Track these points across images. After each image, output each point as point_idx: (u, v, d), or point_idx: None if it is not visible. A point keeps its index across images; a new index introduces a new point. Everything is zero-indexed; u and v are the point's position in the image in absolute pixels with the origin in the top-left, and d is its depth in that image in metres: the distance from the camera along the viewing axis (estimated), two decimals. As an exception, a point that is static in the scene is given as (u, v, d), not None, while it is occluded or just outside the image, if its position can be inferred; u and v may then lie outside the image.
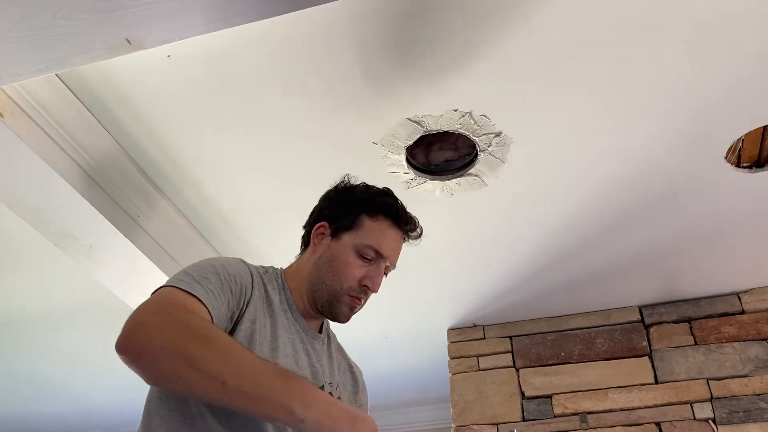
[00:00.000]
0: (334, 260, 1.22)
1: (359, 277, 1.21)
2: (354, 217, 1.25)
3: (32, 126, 1.50)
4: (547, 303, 2.61)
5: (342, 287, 1.20)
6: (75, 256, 1.85)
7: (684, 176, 1.87)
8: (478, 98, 1.57)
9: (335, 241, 1.24)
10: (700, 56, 1.46)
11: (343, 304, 1.21)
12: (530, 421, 2.52)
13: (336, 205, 1.29)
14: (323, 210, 1.31)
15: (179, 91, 1.53)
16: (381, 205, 1.27)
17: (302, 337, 1.21)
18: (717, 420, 2.33)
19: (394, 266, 1.29)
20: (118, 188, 1.77)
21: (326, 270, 1.22)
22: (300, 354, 1.18)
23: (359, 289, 1.22)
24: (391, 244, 1.25)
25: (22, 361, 3.04)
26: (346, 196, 1.30)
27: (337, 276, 1.21)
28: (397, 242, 1.28)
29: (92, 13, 1.11)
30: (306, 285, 1.23)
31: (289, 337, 1.17)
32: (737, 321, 2.49)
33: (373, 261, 1.23)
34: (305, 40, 1.40)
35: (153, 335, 0.90)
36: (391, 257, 1.26)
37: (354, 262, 1.22)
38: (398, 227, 1.27)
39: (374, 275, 1.23)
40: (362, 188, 1.31)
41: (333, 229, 1.25)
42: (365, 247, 1.22)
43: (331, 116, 1.62)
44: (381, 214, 1.25)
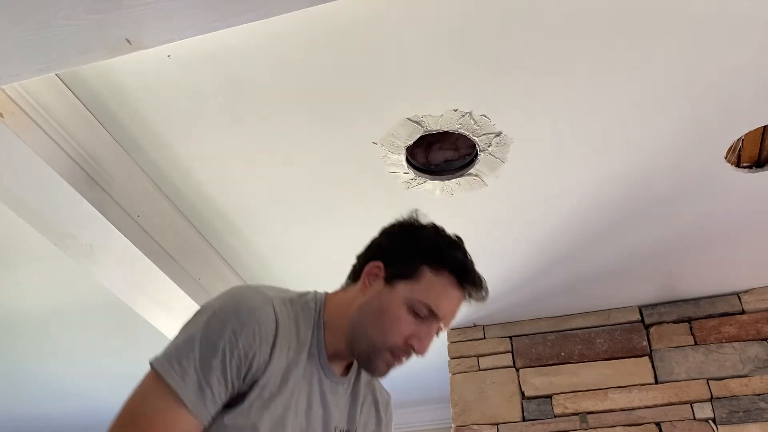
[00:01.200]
0: (383, 311, 1.08)
1: (407, 335, 1.08)
2: (415, 265, 1.10)
3: (32, 126, 1.50)
4: (547, 303, 2.61)
5: (385, 343, 1.07)
6: (75, 256, 1.85)
7: (684, 176, 1.87)
8: (478, 98, 1.57)
9: (388, 288, 1.10)
10: (700, 56, 1.46)
11: (381, 360, 1.09)
12: (530, 421, 2.52)
13: (397, 245, 1.14)
14: (382, 247, 1.16)
15: (179, 90, 1.53)
16: (448, 259, 1.12)
17: (322, 385, 1.11)
18: (717, 420, 2.33)
19: (447, 328, 1.17)
20: (118, 188, 1.77)
21: (372, 319, 1.08)
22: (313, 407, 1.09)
23: (404, 348, 1.08)
24: (449, 305, 1.12)
25: (21, 361, 3.04)
26: (411, 239, 1.14)
27: (383, 330, 1.07)
28: (457, 303, 1.14)
29: (92, 13, 1.11)
30: (347, 328, 1.10)
31: (307, 388, 1.08)
32: (737, 321, 2.49)
33: (425, 320, 1.08)
34: (305, 40, 1.40)
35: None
36: (446, 318, 1.11)
37: (404, 317, 1.07)
38: (461, 287, 1.12)
39: (424, 336, 1.09)
40: (430, 233, 1.16)
41: (388, 273, 1.11)
42: (420, 303, 1.08)
43: (331, 116, 1.62)
44: (446, 269, 1.11)
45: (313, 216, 2.00)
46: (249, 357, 0.97)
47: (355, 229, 2.01)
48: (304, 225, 2.05)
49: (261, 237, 2.12)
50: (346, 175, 1.83)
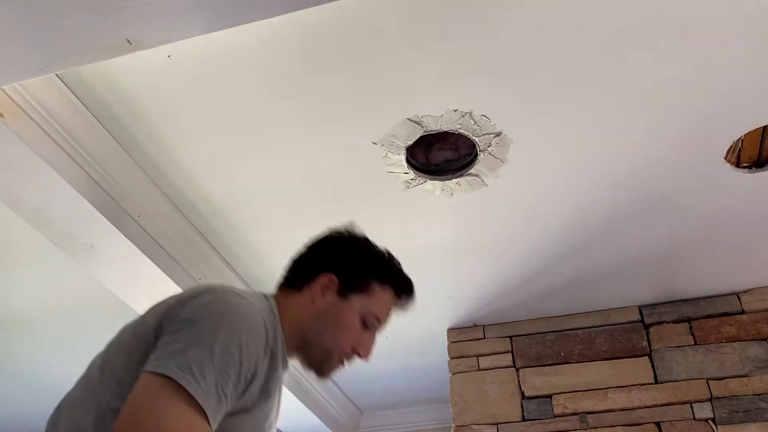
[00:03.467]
0: (339, 322, 1.17)
1: (354, 342, 1.19)
2: (367, 280, 1.20)
3: (32, 126, 1.50)
4: (547, 303, 2.61)
5: (338, 350, 1.17)
6: (75, 256, 1.85)
7: (684, 176, 1.87)
8: (478, 98, 1.57)
9: (343, 301, 1.18)
10: (699, 56, 1.47)
11: (332, 365, 1.18)
12: (530, 421, 2.52)
13: (349, 260, 1.22)
14: (333, 260, 1.22)
15: (179, 91, 1.53)
16: (394, 275, 1.25)
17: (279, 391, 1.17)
18: (717, 420, 2.33)
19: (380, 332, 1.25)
20: (118, 188, 1.77)
21: (328, 329, 1.17)
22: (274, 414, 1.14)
23: (351, 354, 1.19)
24: (389, 314, 1.25)
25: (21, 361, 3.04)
26: (361, 255, 1.24)
27: (337, 339, 1.17)
28: (392, 312, 1.26)
29: (92, 13, 1.11)
30: (299, 333, 1.17)
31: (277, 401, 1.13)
32: (737, 321, 2.48)
33: (371, 329, 1.20)
34: (305, 41, 1.40)
35: None
36: (384, 326, 1.25)
37: (357, 328, 1.18)
38: (399, 299, 1.26)
39: (369, 344, 1.21)
40: (376, 249, 1.27)
41: (342, 286, 1.19)
42: (372, 315, 1.19)
43: (331, 116, 1.62)
44: (389, 284, 1.23)
45: (314, 216, 2.00)
46: (254, 365, 0.99)
47: (355, 229, 2.01)
48: (304, 225, 2.04)
49: (261, 237, 2.12)
50: (345, 175, 1.83)
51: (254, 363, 0.99)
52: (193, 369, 0.90)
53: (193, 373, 0.90)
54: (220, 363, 0.92)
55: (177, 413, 0.88)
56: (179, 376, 0.89)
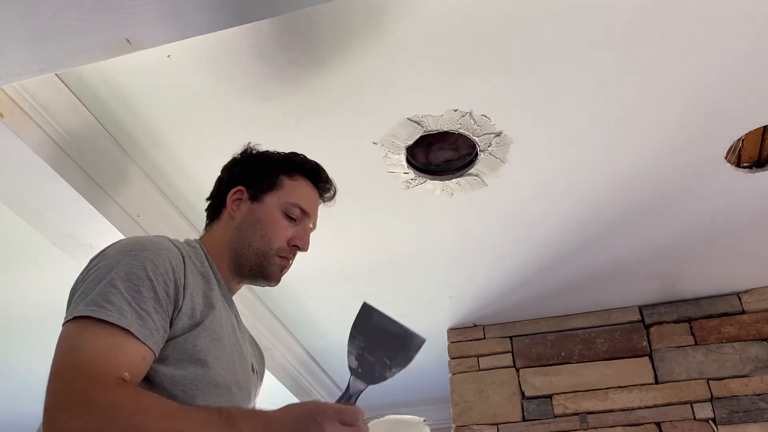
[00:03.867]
0: (261, 222, 1.20)
1: (288, 237, 1.21)
2: (274, 176, 1.24)
3: (32, 126, 1.50)
4: (547, 303, 2.61)
5: (271, 248, 1.19)
6: (75, 256, 1.85)
7: (684, 176, 1.87)
8: (478, 98, 1.57)
9: (257, 204, 1.22)
10: (699, 56, 1.47)
11: (273, 265, 1.20)
12: (530, 421, 2.52)
13: (249, 168, 1.27)
14: (234, 176, 1.27)
15: (179, 90, 1.53)
16: (300, 164, 1.28)
17: (232, 313, 1.19)
18: (717, 420, 2.33)
19: (315, 227, 1.28)
20: (118, 188, 1.77)
21: (252, 232, 1.19)
22: (236, 332, 1.16)
23: (288, 249, 1.21)
24: (312, 202, 1.27)
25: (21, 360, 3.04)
26: (260, 159, 1.29)
27: (266, 237, 1.19)
28: (316, 201, 1.29)
29: (92, 13, 1.11)
30: (228, 252, 1.20)
31: (227, 318, 1.14)
32: (737, 321, 2.48)
33: (298, 220, 1.23)
34: (304, 40, 1.40)
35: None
36: (314, 216, 1.27)
37: (281, 222, 1.21)
38: (315, 187, 1.29)
39: (302, 234, 1.23)
40: (273, 151, 1.30)
41: (252, 192, 1.23)
42: (291, 205, 1.22)
43: (331, 116, 1.62)
44: (299, 174, 1.26)
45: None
46: (173, 280, 1.00)
47: (356, 229, 2.01)
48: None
49: (261, 237, 2.12)
50: (346, 175, 1.83)
51: (169, 275, 0.99)
52: (98, 300, 0.91)
53: (98, 303, 0.91)
54: (126, 285, 0.93)
55: (93, 338, 0.88)
56: (86, 312, 0.90)
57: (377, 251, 1.43)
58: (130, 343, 0.91)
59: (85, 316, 0.90)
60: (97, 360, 0.87)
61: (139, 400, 0.87)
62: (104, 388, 0.85)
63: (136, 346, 0.91)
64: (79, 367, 0.87)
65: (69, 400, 0.84)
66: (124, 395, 0.86)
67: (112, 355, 0.88)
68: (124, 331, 0.90)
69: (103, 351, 0.88)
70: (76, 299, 0.96)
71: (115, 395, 0.85)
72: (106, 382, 0.86)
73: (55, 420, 0.83)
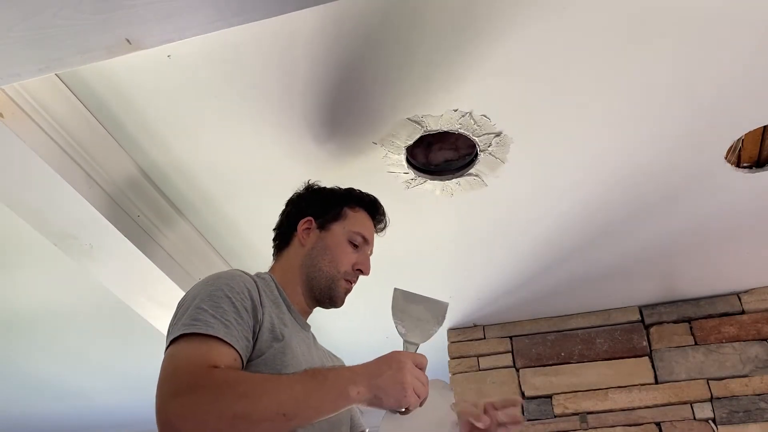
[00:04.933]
0: (329, 248, 1.33)
1: (352, 262, 1.33)
2: (339, 209, 1.38)
3: (32, 126, 1.50)
4: (548, 303, 2.61)
5: (339, 272, 1.31)
6: (75, 256, 1.85)
7: (684, 176, 1.87)
8: (478, 98, 1.57)
9: (325, 232, 1.35)
10: (699, 56, 1.46)
11: (340, 287, 1.32)
12: (530, 421, 2.52)
13: (316, 201, 1.41)
14: (302, 209, 1.40)
15: (179, 91, 1.53)
16: (360, 197, 1.43)
17: (305, 334, 1.29)
18: (717, 420, 2.33)
19: (371, 253, 1.41)
20: (118, 188, 1.77)
21: (322, 258, 1.32)
22: (312, 350, 1.26)
23: (353, 273, 1.34)
24: (371, 232, 1.41)
25: (22, 361, 3.04)
26: (326, 193, 1.43)
27: (334, 262, 1.32)
28: (373, 231, 1.43)
29: (92, 13, 1.11)
30: (300, 277, 1.32)
31: (298, 336, 1.22)
32: (737, 321, 2.49)
33: (360, 247, 1.36)
34: (305, 40, 1.40)
35: (198, 422, 0.91)
36: (372, 243, 1.41)
37: (347, 248, 1.34)
38: (373, 218, 1.43)
39: (364, 260, 1.36)
40: (335, 187, 1.45)
41: (320, 222, 1.36)
42: (355, 234, 1.35)
43: (331, 116, 1.62)
44: (360, 207, 1.41)
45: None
46: (249, 298, 1.11)
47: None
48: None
49: (261, 235, 2.12)
50: (346, 175, 1.83)
51: (245, 293, 1.10)
52: (187, 322, 1.02)
53: (187, 324, 1.02)
54: (209, 304, 1.05)
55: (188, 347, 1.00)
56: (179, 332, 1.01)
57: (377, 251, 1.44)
58: (220, 346, 1.01)
59: (178, 336, 1.01)
60: (193, 358, 0.99)
61: (237, 375, 0.99)
62: (204, 373, 0.96)
63: (226, 348, 1.02)
64: (178, 368, 0.98)
65: (175, 391, 0.94)
66: (222, 374, 0.97)
67: (206, 354, 0.99)
68: (213, 338, 1.01)
69: (198, 353, 1.00)
70: (170, 332, 1.06)
71: (215, 375, 0.96)
72: (203, 368, 0.97)
73: (167, 410, 0.92)
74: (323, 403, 0.97)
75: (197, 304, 1.06)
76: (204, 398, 0.92)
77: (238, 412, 0.91)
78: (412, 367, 1.02)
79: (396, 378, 0.99)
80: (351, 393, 0.97)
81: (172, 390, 0.94)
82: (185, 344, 1.00)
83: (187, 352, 1.00)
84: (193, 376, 0.95)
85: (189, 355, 0.99)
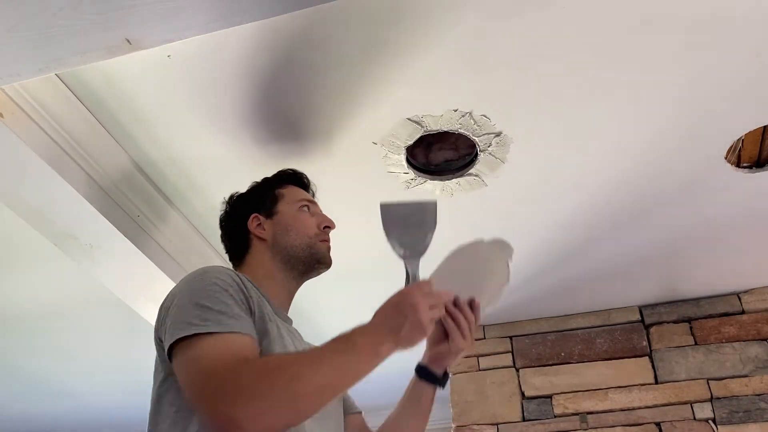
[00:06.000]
0: (289, 224, 1.36)
1: (316, 224, 1.38)
2: (272, 194, 1.42)
3: (32, 126, 1.50)
4: (548, 303, 2.61)
5: (310, 236, 1.36)
6: (75, 256, 1.85)
7: (684, 176, 1.87)
8: (478, 98, 1.57)
9: (276, 216, 1.39)
10: (699, 56, 1.46)
11: (320, 248, 1.36)
12: (530, 421, 2.52)
13: (249, 200, 1.44)
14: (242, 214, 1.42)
15: (179, 91, 1.53)
16: (281, 176, 1.48)
17: (289, 326, 1.31)
18: (717, 420, 2.33)
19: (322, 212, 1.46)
20: (118, 188, 1.77)
21: (288, 236, 1.35)
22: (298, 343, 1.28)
23: (322, 233, 1.38)
24: (308, 196, 1.47)
25: (21, 361, 3.04)
26: (252, 190, 1.47)
27: (300, 232, 1.35)
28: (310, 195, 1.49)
29: (92, 13, 1.11)
30: (275, 267, 1.33)
31: (284, 327, 1.24)
32: (737, 321, 2.49)
33: (311, 210, 1.41)
34: (305, 40, 1.40)
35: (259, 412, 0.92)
36: (317, 204, 1.47)
37: (303, 216, 1.39)
38: (302, 186, 1.48)
39: (324, 217, 1.42)
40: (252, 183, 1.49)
41: (265, 213, 1.39)
42: (300, 201, 1.41)
43: (331, 116, 1.62)
44: (286, 183, 1.46)
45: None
46: (239, 290, 1.11)
47: (356, 229, 2.01)
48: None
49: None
50: (345, 175, 1.83)
51: (235, 286, 1.11)
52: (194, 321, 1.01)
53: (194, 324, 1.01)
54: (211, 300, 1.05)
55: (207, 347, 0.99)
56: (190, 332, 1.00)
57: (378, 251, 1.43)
58: (240, 338, 1.03)
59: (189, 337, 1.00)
60: (224, 355, 0.98)
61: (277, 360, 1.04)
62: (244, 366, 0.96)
63: (245, 339, 1.04)
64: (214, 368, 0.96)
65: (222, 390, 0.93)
66: (262, 363, 1.00)
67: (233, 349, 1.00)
68: (229, 333, 1.02)
69: (226, 349, 0.99)
70: (171, 331, 1.04)
71: (256, 366, 0.97)
72: (240, 362, 0.97)
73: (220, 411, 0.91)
74: (360, 367, 1.00)
75: (196, 302, 1.04)
76: (257, 389, 0.92)
77: (295, 393, 0.94)
78: (425, 301, 1.05)
79: (414, 324, 1.03)
80: (382, 352, 1.02)
81: (218, 390, 0.93)
82: (205, 344, 0.99)
83: (214, 350, 0.99)
84: (235, 372, 0.95)
85: (218, 353, 0.98)
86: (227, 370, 0.95)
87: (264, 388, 0.92)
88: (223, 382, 0.94)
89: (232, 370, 0.95)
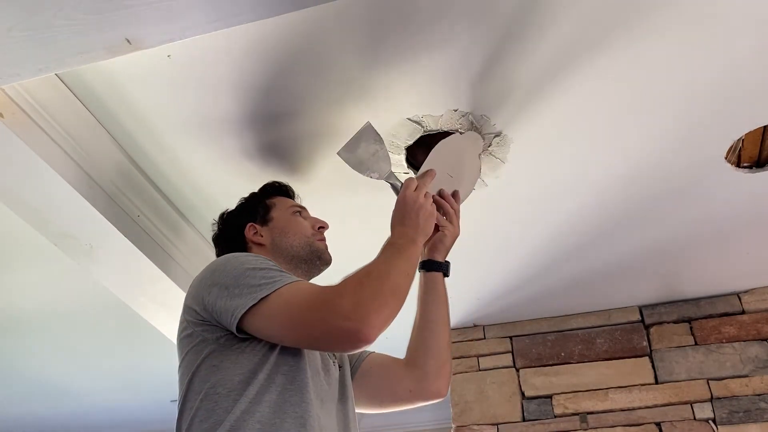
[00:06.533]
0: (285, 228, 1.45)
1: (310, 226, 1.48)
2: (263, 204, 1.51)
3: (32, 126, 1.50)
4: (548, 303, 2.61)
5: (307, 236, 1.45)
6: (75, 256, 1.85)
7: (684, 176, 1.87)
8: (478, 98, 1.57)
9: (271, 223, 1.47)
10: (699, 56, 1.46)
11: (318, 245, 1.46)
12: (530, 421, 2.52)
13: (243, 212, 1.52)
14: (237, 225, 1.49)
15: (179, 91, 1.53)
16: (266, 189, 1.57)
17: None
18: (717, 420, 2.33)
19: None
20: (118, 188, 1.77)
21: (286, 238, 1.44)
22: None
23: (317, 232, 1.48)
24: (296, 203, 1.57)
25: (21, 361, 3.05)
26: (244, 203, 1.56)
27: (298, 233, 1.45)
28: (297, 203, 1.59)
29: (92, 13, 1.11)
30: None
31: None
32: (737, 321, 2.49)
33: (303, 214, 1.51)
34: (304, 41, 1.40)
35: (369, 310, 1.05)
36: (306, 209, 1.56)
37: (297, 220, 1.48)
38: (288, 196, 1.58)
39: (316, 219, 1.52)
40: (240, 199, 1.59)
41: (260, 221, 1.47)
42: (291, 209, 1.50)
43: (331, 116, 1.62)
44: (273, 195, 1.55)
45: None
46: None
47: (355, 228, 2.01)
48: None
49: (261, 237, 2.12)
50: (345, 175, 1.83)
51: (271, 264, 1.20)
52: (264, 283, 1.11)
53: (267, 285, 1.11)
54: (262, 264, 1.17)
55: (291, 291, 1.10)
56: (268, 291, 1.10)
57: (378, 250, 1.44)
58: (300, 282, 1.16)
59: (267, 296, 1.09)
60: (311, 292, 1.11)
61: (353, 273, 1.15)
62: (333, 288, 1.10)
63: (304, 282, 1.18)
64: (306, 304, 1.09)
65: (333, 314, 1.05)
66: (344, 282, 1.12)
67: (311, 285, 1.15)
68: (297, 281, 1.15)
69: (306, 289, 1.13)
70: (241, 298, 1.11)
71: (342, 286, 1.11)
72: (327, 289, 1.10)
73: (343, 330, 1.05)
74: (413, 259, 1.23)
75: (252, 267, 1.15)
76: (363, 296, 1.06)
77: (393, 286, 1.11)
78: (420, 195, 1.34)
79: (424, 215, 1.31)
80: (418, 243, 1.28)
81: (331, 312, 1.05)
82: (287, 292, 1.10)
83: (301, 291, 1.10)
84: (335, 293, 1.08)
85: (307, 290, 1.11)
86: (327, 294, 1.08)
87: (367, 294, 1.07)
88: (331, 305, 1.05)
89: (332, 293, 1.08)
